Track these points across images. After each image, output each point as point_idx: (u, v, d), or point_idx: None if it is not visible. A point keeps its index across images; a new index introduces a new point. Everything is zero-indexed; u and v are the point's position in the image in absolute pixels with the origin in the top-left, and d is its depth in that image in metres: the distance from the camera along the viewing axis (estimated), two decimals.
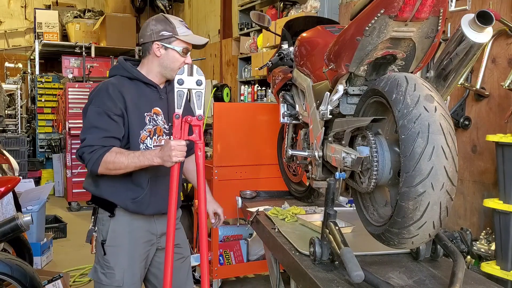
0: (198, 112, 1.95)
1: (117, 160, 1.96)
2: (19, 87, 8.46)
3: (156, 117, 2.13)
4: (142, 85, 2.12)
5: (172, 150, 1.88)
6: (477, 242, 3.04)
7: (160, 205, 2.10)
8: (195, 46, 2.15)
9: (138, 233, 2.12)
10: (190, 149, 2.08)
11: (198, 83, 1.92)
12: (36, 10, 9.67)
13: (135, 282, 2.11)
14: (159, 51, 2.07)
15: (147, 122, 2.11)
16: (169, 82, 2.20)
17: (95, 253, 2.15)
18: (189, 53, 2.13)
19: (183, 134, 1.94)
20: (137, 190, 2.09)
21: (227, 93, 6.49)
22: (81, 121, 2.14)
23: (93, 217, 2.17)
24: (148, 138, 2.10)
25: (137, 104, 2.08)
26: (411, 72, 1.74)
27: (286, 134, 2.80)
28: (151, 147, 2.10)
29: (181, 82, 1.90)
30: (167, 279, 1.94)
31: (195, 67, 1.96)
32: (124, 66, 2.13)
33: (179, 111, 1.92)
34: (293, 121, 2.63)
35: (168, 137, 2.13)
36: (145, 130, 2.09)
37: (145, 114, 2.10)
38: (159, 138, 2.13)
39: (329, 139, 1.95)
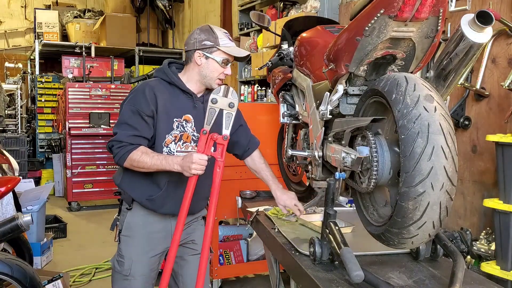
0: (225, 132, 2.04)
1: (142, 159, 2.04)
2: (19, 87, 8.46)
3: (185, 123, 2.18)
4: (179, 91, 2.17)
5: (193, 162, 1.97)
6: (477, 242, 3.04)
7: (176, 207, 2.14)
8: (237, 58, 2.20)
9: (153, 228, 2.20)
10: (246, 150, 2.39)
11: (231, 105, 2.00)
12: (36, 10, 9.68)
13: (144, 274, 2.17)
14: (200, 60, 2.13)
15: (175, 127, 2.16)
16: (208, 91, 2.23)
17: (117, 241, 2.25)
18: (230, 64, 2.18)
19: (207, 149, 2.03)
20: (154, 189, 2.16)
21: None
22: (81, 121, 2.19)
23: (119, 207, 2.29)
24: (173, 142, 2.16)
25: (169, 109, 2.14)
26: (411, 72, 1.74)
27: (286, 134, 2.80)
28: (174, 152, 2.16)
29: (214, 101, 1.99)
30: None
31: (231, 89, 2.04)
32: (165, 71, 2.20)
33: (207, 127, 2.02)
34: (293, 121, 2.63)
35: (195, 144, 2.19)
36: (171, 135, 2.15)
37: (175, 119, 2.16)
38: (185, 144, 2.19)
39: (329, 139, 1.95)
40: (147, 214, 2.19)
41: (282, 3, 5.58)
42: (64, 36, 9.47)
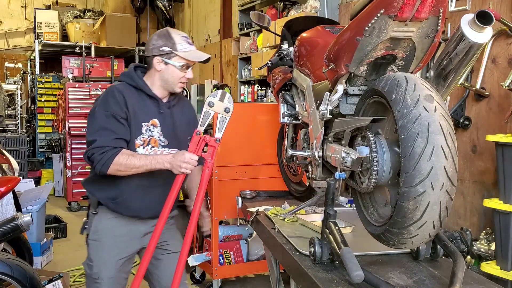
0: (218, 135, 2.07)
1: (129, 162, 2.03)
2: (19, 87, 8.46)
3: (153, 128, 2.18)
4: (145, 96, 2.18)
5: (184, 162, 2.00)
6: (477, 242, 3.04)
7: (142, 210, 2.18)
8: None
9: (119, 231, 2.21)
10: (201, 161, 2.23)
11: (227, 110, 2.04)
12: (36, 10, 9.67)
13: (112, 277, 2.20)
14: (159, 66, 2.15)
15: (143, 131, 2.17)
16: (174, 96, 2.25)
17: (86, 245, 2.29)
18: (190, 68, 2.18)
19: (198, 150, 2.06)
20: (119, 192, 2.17)
21: None
22: (81, 121, 2.20)
23: (87, 211, 2.31)
24: (141, 147, 2.16)
25: (137, 113, 2.14)
26: (411, 72, 1.74)
27: (286, 134, 2.80)
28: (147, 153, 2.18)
29: (211, 105, 2.02)
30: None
31: (227, 95, 2.07)
32: (132, 75, 2.20)
33: (201, 128, 2.05)
34: (293, 121, 2.63)
35: (164, 149, 2.21)
36: (139, 139, 2.16)
37: (143, 123, 2.16)
38: (153, 148, 2.19)
39: (329, 139, 1.95)
40: (113, 218, 2.20)
41: (282, 3, 5.58)
42: (64, 36, 9.46)
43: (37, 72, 8.59)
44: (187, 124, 2.28)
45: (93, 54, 8.63)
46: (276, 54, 2.71)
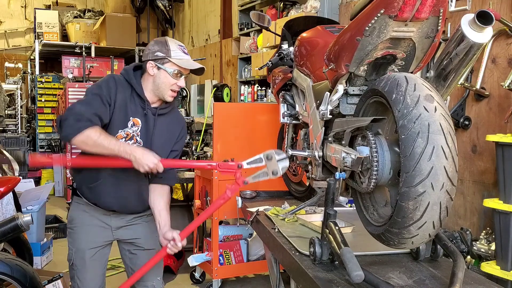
0: (248, 179, 2.03)
1: (99, 139, 2.02)
2: (19, 87, 8.46)
3: (134, 126, 2.21)
4: (135, 94, 2.21)
5: (149, 165, 2.01)
6: (477, 242, 3.04)
7: (113, 204, 2.23)
8: (192, 71, 2.22)
9: (91, 221, 2.28)
10: (160, 177, 2.25)
11: (274, 172, 1.98)
12: (36, 10, 9.67)
13: (85, 263, 2.26)
14: (152, 70, 2.17)
15: (129, 125, 2.19)
16: (166, 107, 2.26)
17: None
18: (183, 77, 2.20)
19: (224, 173, 2.07)
20: (94, 179, 2.21)
21: (227, 93, 6.49)
22: None
23: None
24: (123, 139, 2.18)
25: (126, 106, 2.18)
26: (411, 72, 1.74)
27: (286, 134, 2.80)
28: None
29: (269, 158, 1.98)
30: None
31: (286, 166, 2.00)
32: (129, 72, 2.23)
33: (244, 164, 2.02)
34: (293, 121, 2.63)
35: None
36: (123, 131, 2.18)
37: (131, 118, 2.19)
38: (133, 144, 2.19)
39: (329, 139, 1.95)
40: (86, 208, 2.27)
41: (282, 3, 5.58)
42: (64, 36, 9.47)
43: (37, 72, 8.60)
44: (166, 140, 2.28)
45: (93, 54, 8.63)
46: (276, 54, 2.71)
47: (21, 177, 3.32)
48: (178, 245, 2.14)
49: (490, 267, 2.79)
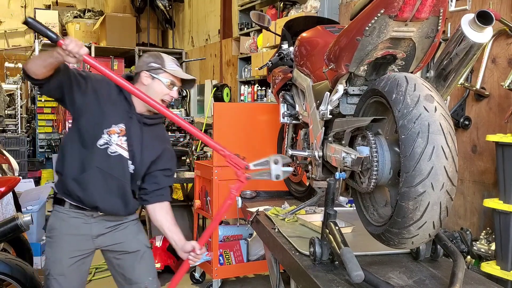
0: (248, 175, 2.00)
1: (40, 54, 2.06)
2: (19, 87, 8.47)
3: (117, 126, 2.16)
4: (123, 96, 2.19)
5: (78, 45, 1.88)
6: (477, 242, 3.04)
7: (98, 199, 2.16)
8: (183, 82, 2.24)
9: (71, 230, 2.21)
10: (161, 195, 2.25)
11: (276, 176, 1.97)
12: (36, 10, 9.68)
13: (63, 274, 2.20)
14: (146, 80, 2.18)
15: (124, 123, 2.17)
16: (154, 115, 2.24)
17: None
18: (175, 88, 2.21)
19: (232, 166, 2.02)
20: (81, 170, 2.15)
21: (227, 93, 6.49)
22: None
23: None
24: (117, 135, 2.16)
25: (120, 104, 2.17)
26: (411, 72, 1.74)
27: (286, 134, 2.80)
28: (112, 143, 2.15)
29: (276, 162, 1.97)
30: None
31: (289, 172, 2.02)
32: (125, 75, 2.24)
33: (251, 165, 1.98)
34: (293, 121, 2.63)
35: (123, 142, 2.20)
36: (118, 127, 2.15)
37: (127, 115, 2.17)
38: (123, 143, 2.17)
39: (329, 139, 1.95)
40: (66, 217, 2.21)
41: (282, 3, 5.58)
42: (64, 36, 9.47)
43: None
44: (151, 152, 2.24)
45: (93, 54, 8.62)
46: (276, 54, 2.72)
47: (21, 177, 3.32)
48: (198, 254, 2.10)
49: (490, 267, 2.79)
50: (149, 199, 2.26)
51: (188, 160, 4.58)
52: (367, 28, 1.58)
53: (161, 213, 2.24)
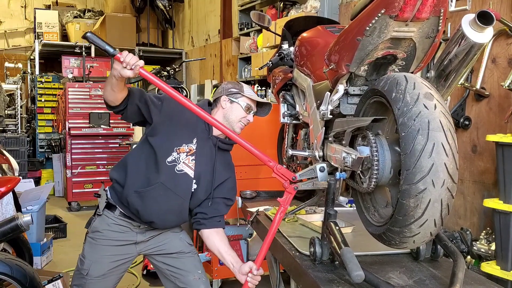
0: (298, 185, 2.02)
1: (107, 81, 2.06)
2: (19, 87, 8.46)
3: (189, 146, 2.20)
4: (202, 121, 2.19)
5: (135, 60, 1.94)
6: (477, 242, 3.04)
7: (155, 216, 2.18)
8: (258, 109, 2.33)
9: (116, 236, 2.25)
10: (218, 221, 2.27)
11: (324, 184, 1.96)
12: (36, 10, 9.66)
13: (101, 276, 2.24)
14: (225, 104, 2.28)
15: (194, 142, 2.20)
16: (228, 141, 2.28)
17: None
18: (252, 113, 2.30)
19: (280, 178, 2.05)
20: (147, 184, 2.16)
21: None
22: (81, 121, 2.20)
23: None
24: (185, 153, 2.18)
25: (192, 124, 2.21)
26: (412, 72, 1.74)
27: (286, 134, 2.80)
28: (180, 162, 2.17)
29: (322, 170, 2.00)
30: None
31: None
32: (204, 103, 2.33)
33: (297, 176, 2.00)
34: (293, 121, 2.63)
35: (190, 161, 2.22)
36: (187, 146, 2.19)
37: (197, 136, 2.20)
38: (191, 162, 2.19)
39: (330, 139, 1.95)
40: (114, 224, 2.24)
41: (282, 3, 5.58)
42: (64, 36, 9.46)
43: (37, 72, 8.58)
44: (218, 176, 2.26)
45: (93, 54, 8.62)
46: (277, 54, 2.72)
47: (21, 177, 3.31)
48: (255, 274, 2.05)
49: (490, 267, 2.79)
50: (206, 223, 2.26)
51: None
52: (367, 28, 1.58)
53: (217, 237, 2.25)
